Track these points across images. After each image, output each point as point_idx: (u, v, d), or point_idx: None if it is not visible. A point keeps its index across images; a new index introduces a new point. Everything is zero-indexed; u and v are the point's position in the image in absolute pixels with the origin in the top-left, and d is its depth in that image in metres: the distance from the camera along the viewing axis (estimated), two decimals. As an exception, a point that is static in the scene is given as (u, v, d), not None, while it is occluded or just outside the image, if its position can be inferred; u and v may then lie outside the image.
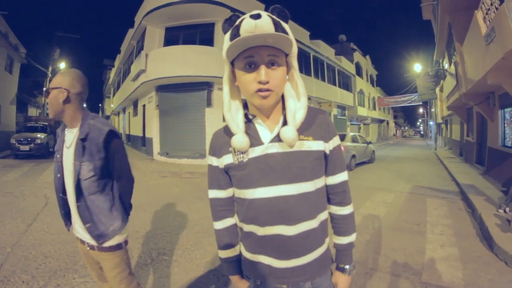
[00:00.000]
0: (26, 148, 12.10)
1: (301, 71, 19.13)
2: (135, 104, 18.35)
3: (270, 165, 1.02)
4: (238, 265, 1.20)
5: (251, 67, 0.96)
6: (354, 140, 12.90)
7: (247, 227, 1.11)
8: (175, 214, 5.51)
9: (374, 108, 37.13)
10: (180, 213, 5.55)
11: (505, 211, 5.05)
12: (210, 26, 12.53)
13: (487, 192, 6.94)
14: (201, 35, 12.60)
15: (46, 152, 13.09)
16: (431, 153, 22.26)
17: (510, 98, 6.60)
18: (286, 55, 1.01)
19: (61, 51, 22.88)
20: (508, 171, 7.28)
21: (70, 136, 1.60)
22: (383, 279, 3.16)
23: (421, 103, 36.51)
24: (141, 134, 16.42)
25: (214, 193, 1.18)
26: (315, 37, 20.93)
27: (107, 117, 45.11)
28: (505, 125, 8.89)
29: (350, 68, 27.85)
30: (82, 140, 1.55)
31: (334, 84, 24.05)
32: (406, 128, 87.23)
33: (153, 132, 13.26)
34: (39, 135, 12.87)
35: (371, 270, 3.36)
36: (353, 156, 11.85)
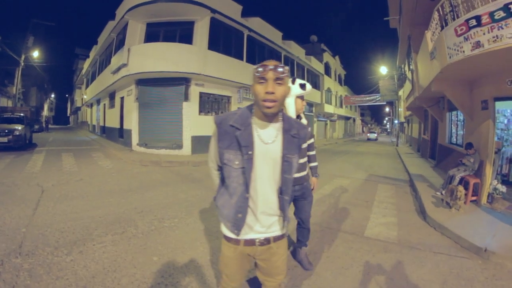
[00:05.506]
0: (4, 140, 11.55)
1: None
2: (112, 96, 18.34)
3: None
4: None
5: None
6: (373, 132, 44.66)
7: None
8: (165, 194, 6.21)
9: (341, 106, 38.93)
10: (168, 193, 6.27)
11: (441, 193, 6.24)
12: (190, 25, 13.00)
13: (432, 180, 8.18)
14: (181, 32, 13.00)
15: (24, 144, 12.74)
16: (392, 149, 24.01)
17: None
18: None
19: (35, 39, 22.17)
20: (451, 163, 8.53)
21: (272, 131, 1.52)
22: (334, 234, 4.26)
23: (385, 103, 38.68)
24: (118, 126, 16.61)
25: None
26: (288, 37, 21.98)
27: (78, 109, 43.25)
28: (452, 125, 10.27)
29: (319, 67, 29.34)
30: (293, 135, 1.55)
31: (303, 82, 25.12)
32: (373, 125, 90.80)
33: (132, 124, 13.58)
34: (17, 126, 12.38)
35: (325, 228, 4.49)
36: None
